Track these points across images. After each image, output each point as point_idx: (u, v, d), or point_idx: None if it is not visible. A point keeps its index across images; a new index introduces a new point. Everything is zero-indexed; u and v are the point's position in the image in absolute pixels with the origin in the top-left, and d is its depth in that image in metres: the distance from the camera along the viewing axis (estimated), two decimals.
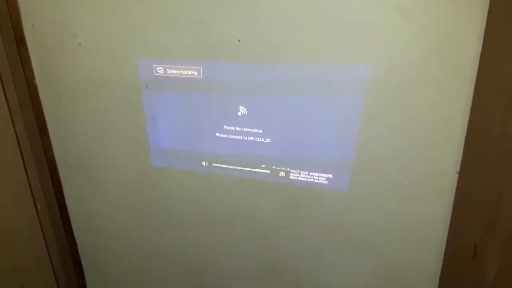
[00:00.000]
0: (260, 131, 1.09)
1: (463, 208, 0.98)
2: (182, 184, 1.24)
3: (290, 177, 1.13)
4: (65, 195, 1.35)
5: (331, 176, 1.09)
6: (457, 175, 1.01)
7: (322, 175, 1.10)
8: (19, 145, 1.16)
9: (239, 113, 1.09)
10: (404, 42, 0.91)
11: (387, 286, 1.22)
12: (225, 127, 1.12)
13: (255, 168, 1.15)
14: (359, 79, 0.97)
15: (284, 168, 1.12)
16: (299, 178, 1.12)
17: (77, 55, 1.13)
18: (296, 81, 1.01)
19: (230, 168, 1.17)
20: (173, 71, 1.08)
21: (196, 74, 1.07)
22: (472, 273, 0.88)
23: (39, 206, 1.25)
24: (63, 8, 1.08)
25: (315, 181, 1.11)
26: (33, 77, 1.17)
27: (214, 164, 1.18)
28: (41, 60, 1.16)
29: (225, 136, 1.13)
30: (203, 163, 1.18)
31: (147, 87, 1.12)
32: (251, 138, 1.11)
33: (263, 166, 1.14)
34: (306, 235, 1.21)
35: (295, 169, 1.12)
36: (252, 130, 1.10)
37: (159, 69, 1.09)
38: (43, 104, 1.22)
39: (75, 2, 1.06)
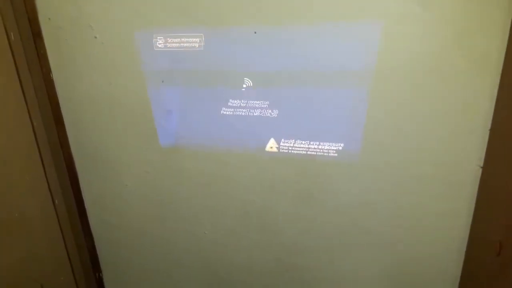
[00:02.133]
0: (266, 103, 1.07)
1: (486, 203, 0.96)
2: (195, 170, 1.22)
3: (298, 152, 1.10)
4: (81, 189, 1.36)
5: (341, 146, 1.06)
6: (480, 170, 0.99)
7: (333, 145, 1.07)
8: (36, 138, 1.16)
9: (244, 86, 1.06)
10: (423, 30, 0.89)
11: (404, 283, 1.20)
12: (230, 102, 1.09)
13: (265, 144, 1.12)
14: (374, 67, 0.95)
15: (293, 141, 1.10)
16: (308, 152, 1.10)
17: (93, 48, 1.12)
18: (303, 45, 0.98)
19: (239, 146, 1.14)
20: (174, 43, 1.05)
21: (197, 46, 1.04)
22: (497, 270, 0.86)
23: (56, 201, 1.26)
24: (78, 0, 1.07)
25: (325, 154, 1.09)
26: (49, 70, 1.17)
27: (221, 144, 1.16)
28: (57, 53, 1.15)
29: (231, 112, 1.10)
30: (212, 143, 1.16)
31: (163, 81, 1.12)
32: (258, 112, 1.08)
33: (271, 141, 1.11)
34: (319, 228, 1.20)
35: (304, 141, 1.09)
36: (258, 103, 1.07)
37: (159, 42, 1.06)
38: (59, 97, 1.21)
39: None
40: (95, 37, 1.11)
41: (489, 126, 0.94)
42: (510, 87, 0.84)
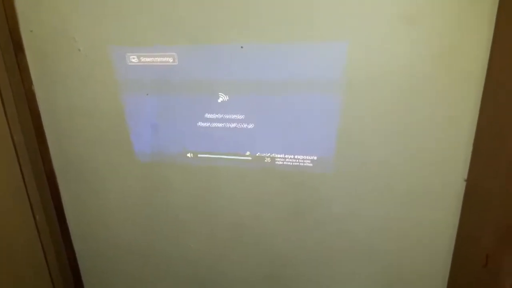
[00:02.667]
0: (242, 116, 1.07)
1: (471, 215, 0.98)
2: (178, 183, 1.21)
3: (276, 162, 1.11)
4: (63, 204, 1.32)
5: (315, 158, 1.08)
6: (464, 183, 1.01)
7: (308, 157, 1.08)
8: (16, 153, 1.13)
9: (220, 100, 1.06)
10: (409, 48, 0.90)
11: None
12: (206, 115, 1.09)
13: (241, 156, 1.12)
14: (355, 77, 0.96)
15: (269, 154, 1.10)
16: (284, 163, 1.10)
17: (76, 61, 1.10)
18: (278, 62, 0.99)
19: (216, 158, 1.14)
20: (147, 59, 1.05)
21: (171, 60, 1.04)
22: (483, 281, 0.88)
23: (37, 217, 1.22)
24: (62, 12, 1.04)
25: (301, 164, 1.09)
26: (31, 83, 1.14)
27: (199, 156, 1.15)
28: (39, 66, 1.12)
29: (208, 124, 1.10)
30: (188, 155, 1.16)
31: (147, 94, 1.10)
32: (234, 125, 1.08)
33: (247, 153, 1.12)
34: (307, 240, 1.20)
35: (279, 154, 1.10)
36: (234, 116, 1.08)
37: (133, 58, 1.06)
38: (41, 111, 1.18)
39: (74, 7, 1.03)
40: (79, 50, 1.08)
41: (472, 140, 0.96)
42: (492, 103, 0.86)
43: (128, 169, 1.22)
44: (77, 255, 1.42)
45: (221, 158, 1.14)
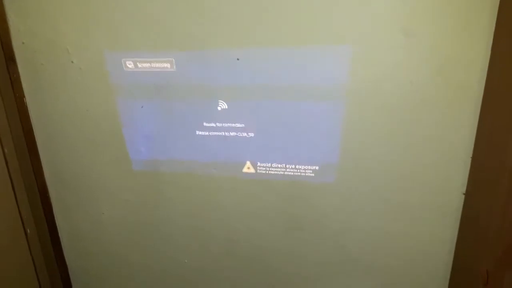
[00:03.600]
0: (242, 125, 1.05)
1: (470, 230, 0.96)
2: (175, 197, 1.19)
3: (274, 172, 1.09)
4: (55, 218, 1.29)
5: (317, 168, 1.05)
6: (463, 196, 0.99)
7: (309, 167, 1.06)
8: (7, 166, 1.11)
9: (219, 108, 1.04)
10: (409, 60, 0.89)
11: None
12: (205, 124, 1.07)
13: (241, 166, 1.10)
14: (355, 89, 0.95)
15: (270, 164, 1.08)
16: (285, 173, 1.08)
17: (69, 73, 1.08)
18: (280, 69, 0.97)
19: (215, 167, 1.12)
20: (144, 65, 1.03)
21: (169, 66, 1.02)
22: None
23: (28, 231, 1.19)
24: (54, 24, 1.03)
25: (302, 174, 1.07)
26: (23, 95, 1.12)
27: (197, 165, 1.13)
28: (31, 78, 1.11)
29: (206, 133, 1.08)
30: (185, 165, 1.13)
31: (142, 107, 1.09)
32: (233, 133, 1.06)
33: (248, 163, 1.09)
34: (305, 256, 1.18)
35: (280, 164, 1.07)
36: (233, 125, 1.05)
37: (129, 64, 1.04)
38: (33, 124, 1.16)
39: (66, 19, 1.02)
40: (72, 62, 1.07)
41: (470, 153, 0.94)
42: (491, 114, 0.85)
43: (122, 181, 1.20)
44: (69, 270, 1.39)
45: (219, 167, 1.12)
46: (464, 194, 0.99)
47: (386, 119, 0.96)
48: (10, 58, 1.07)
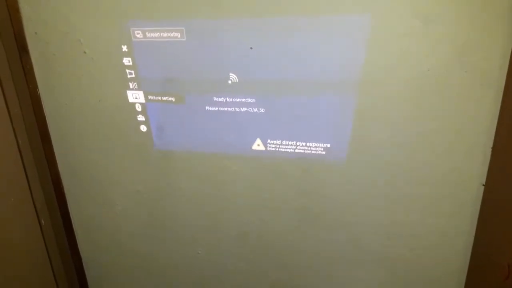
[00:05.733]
0: (253, 100, 1.02)
1: (490, 222, 0.93)
2: (188, 188, 1.18)
3: (284, 150, 1.06)
4: (69, 209, 1.30)
5: (329, 145, 1.02)
6: (482, 187, 0.97)
7: (320, 145, 1.03)
8: (21, 156, 1.11)
9: (229, 81, 1.01)
10: (426, 48, 0.86)
11: None
12: (215, 98, 1.04)
13: (250, 144, 1.07)
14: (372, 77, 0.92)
15: (279, 141, 1.05)
16: (296, 150, 1.05)
17: (81, 63, 1.08)
18: (297, 40, 0.92)
19: (224, 145, 1.09)
20: (153, 34, 0.99)
21: (179, 36, 0.98)
22: None
23: (43, 222, 1.20)
24: (67, 14, 1.02)
25: (313, 152, 1.04)
26: (35, 86, 1.12)
27: (207, 144, 1.11)
28: (44, 68, 1.11)
29: (216, 109, 1.05)
30: (199, 145, 1.11)
31: (149, 98, 1.08)
32: (244, 109, 1.03)
33: (258, 139, 1.07)
34: (317, 246, 1.16)
35: (290, 141, 1.04)
36: (244, 100, 1.02)
37: (137, 33, 1.00)
38: (46, 114, 1.16)
39: (79, 9, 1.01)
40: (84, 52, 1.06)
41: (491, 144, 0.92)
42: None
43: (135, 171, 1.20)
44: (83, 261, 1.40)
45: (229, 145, 1.09)
46: (483, 185, 0.96)
47: (404, 110, 0.94)
48: (23, 49, 1.07)
